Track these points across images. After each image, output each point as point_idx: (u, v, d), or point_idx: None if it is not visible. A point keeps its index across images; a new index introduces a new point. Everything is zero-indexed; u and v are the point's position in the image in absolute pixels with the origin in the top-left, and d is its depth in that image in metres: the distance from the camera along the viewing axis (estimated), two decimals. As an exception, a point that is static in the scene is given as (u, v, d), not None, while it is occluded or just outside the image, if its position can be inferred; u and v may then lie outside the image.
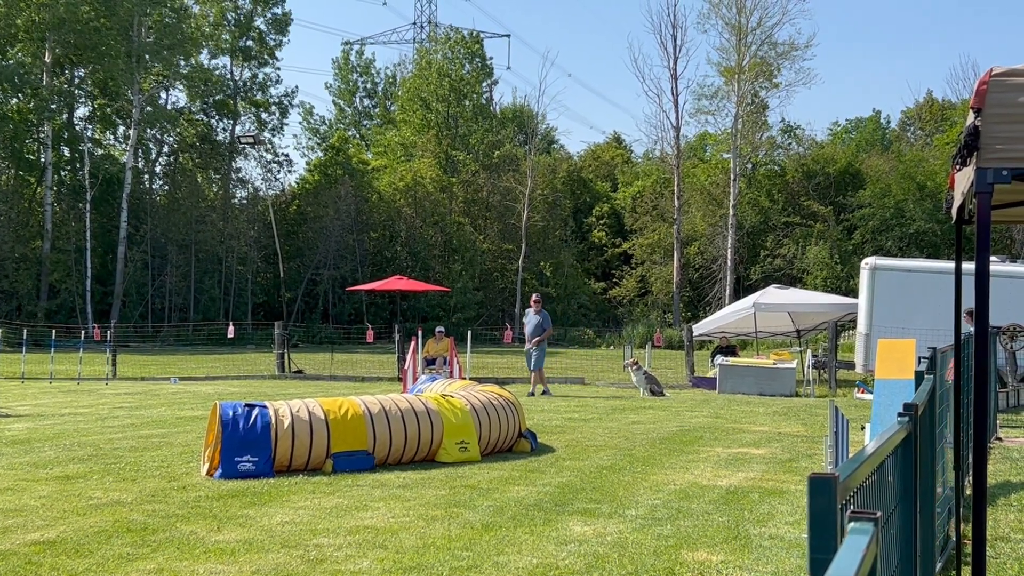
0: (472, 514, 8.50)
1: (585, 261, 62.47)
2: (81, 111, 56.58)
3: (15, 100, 52.54)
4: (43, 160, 52.71)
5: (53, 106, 51.70)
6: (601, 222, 63.91)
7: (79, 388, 23.47)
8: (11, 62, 49.92)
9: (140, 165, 56.20)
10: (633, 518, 8.36)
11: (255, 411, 10.53)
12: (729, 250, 52.31)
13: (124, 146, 56.43)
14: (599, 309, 60.13)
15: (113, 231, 52.98)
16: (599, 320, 58.23)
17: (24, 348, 27.86)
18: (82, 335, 30.53)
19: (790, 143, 59.37)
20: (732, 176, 52.95)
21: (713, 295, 53.72)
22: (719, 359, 24.10)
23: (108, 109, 55.50)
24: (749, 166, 57.63)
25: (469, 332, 28.34)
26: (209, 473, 10.30)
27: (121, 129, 57.53)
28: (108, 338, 29.29)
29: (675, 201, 54.15)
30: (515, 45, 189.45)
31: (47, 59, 51.17)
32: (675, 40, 53.75)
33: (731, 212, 52.64)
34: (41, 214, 52.64)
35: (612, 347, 46.40)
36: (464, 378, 20.01)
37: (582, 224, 63.78)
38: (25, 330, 29.91)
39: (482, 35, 68.91)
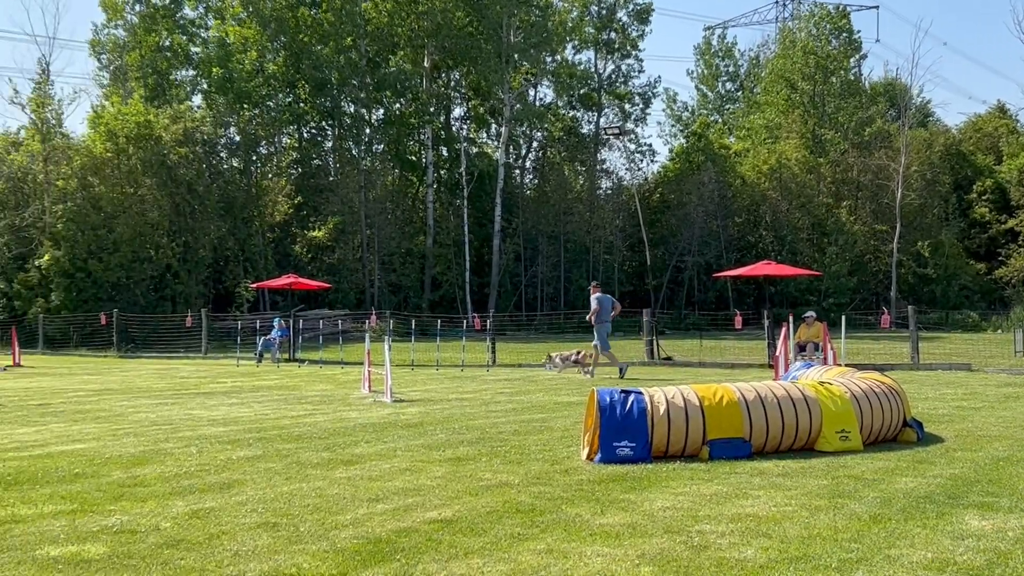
0: (858, 505, 8.15)
1: (966, 240, 58.69)
2: (457, 112, 59.79)
3: (398, 105, 56.26)
4: (424, 160, 56.14)
5: (432, 109, 54.89)
6: (984, 198, 59.82)
7: (463, 375, 24.76)
8: (394, 69, 53.54)
9: (511, 160, 58.54)
10: (1040, 516, 7.71)
11: (631, 397, 10.63)
12: None
13: (496, 143, 58.99)
14: (983, 291, 56.34)
15: (487, 225, 55.54)
16: (983, 302, 54.56)
17: (412, 337, 29.69)
18: (463, 324, 32.24)
19: None
20: None
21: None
22: None
23: (481, 109, 58.20)
24: None
25: (843, 317, 27.37)
26: (589, 457, 10.51)
27: (493, 127, 60.17)
28: (487, 327, 30.76)
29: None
30: (884, 16, 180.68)
31: (426, 64, 54.36)
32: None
33: None
34: (423, 211, 56.06)
35: (1000, 331, 43.29)
36: (839, 365, 19.32)
37: (962, 201, 59.93)
38: (412, 320, 31.85)
39: (848, 8, 66.46)
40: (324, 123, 56.84)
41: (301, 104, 54.84)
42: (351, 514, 7.93)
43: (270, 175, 53.34)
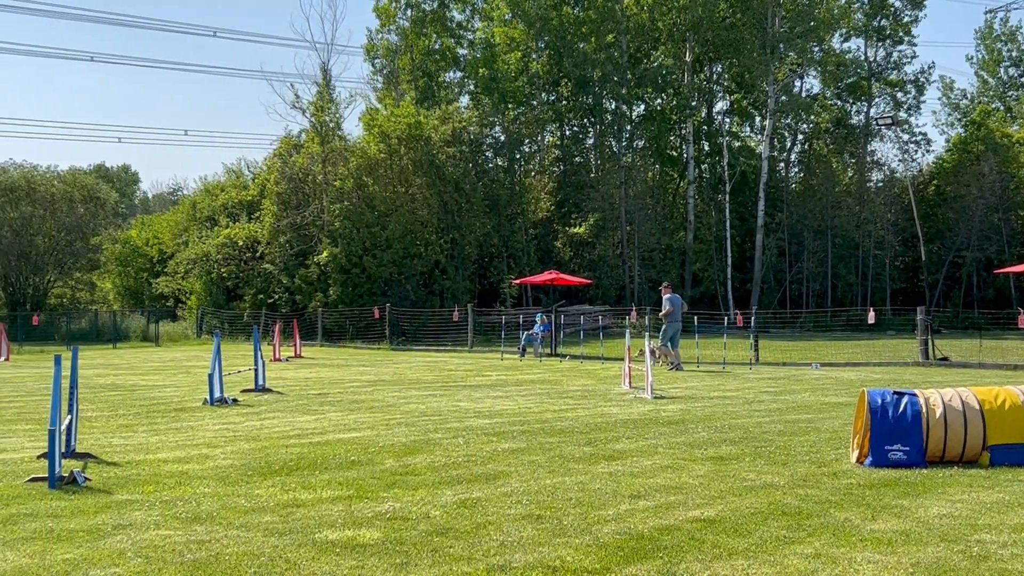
0: None
1: None
2: (719, 106, 58.98)
3: (659, 100, 56.09)
4: (685, 155, 55.73)
5: (693, 103, 54.40)
6: None
7: (724, 372, 24.42)
8: (655, 64, 53.37)
9: (775, 154, 57.24)
10: None
11: (904, 399, 10.18)
12: None
13: (759, 137, 57.84)
14: None
15: (750, 220, 54.55)
16: None
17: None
18: (725, 321, 31.78)
19: None
20: None
21: None
22: None
23: (744, 102, 57.18)
24: None
25: None
26: (859, 460, 10.14)
27: (756, 120, 59.01)
28: (749, 324, 30.21)
29: None
30: None
31: (687, 58, 53.93)
32: None
33: None
34: (684, 206, 55.66)
35: None
36: None
37: None
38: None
39: None
40: (585, 120, 57.35)
41: (563, 102, 55.55)
42: (613, 509, 7.96)
43: (533, 173, 54.29)
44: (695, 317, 30.50)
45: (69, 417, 10.30)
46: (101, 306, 58.21)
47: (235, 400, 16.68)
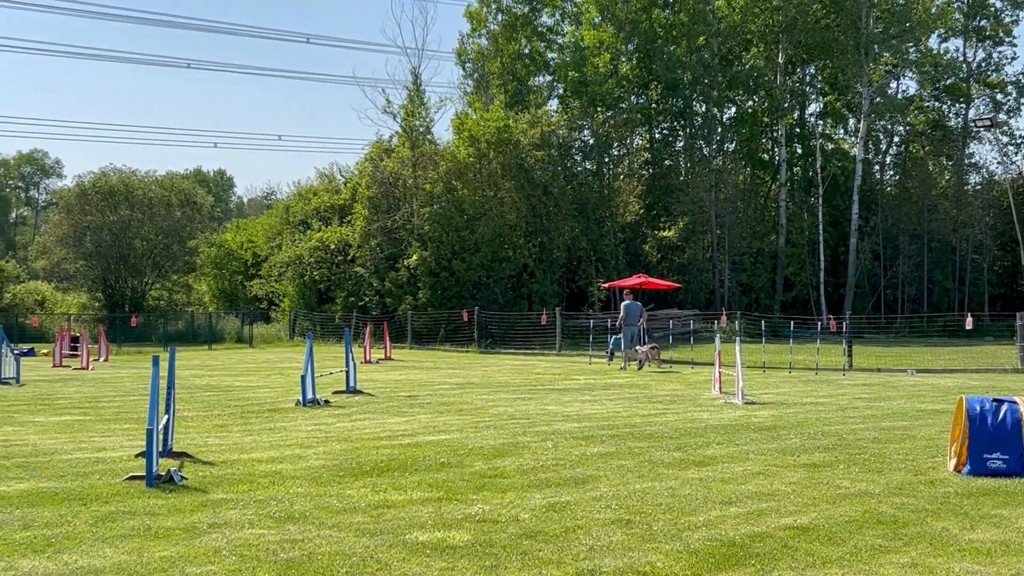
0: None
1: None
2: (812, 107, 58.15)
3: (750, 102, 55.50)
4: (776, 158, 55.06)
5: (785, 105, 53.73)
6: None
7: (817, 378, 24.06)
8: (747, 66, 52.81)
9: (869, 156, 56.26)
10: None
11: (1004, 406, 9.92)
12: None
13: (853, 139, 56.89)
14: None
15: (843, 223, 53.65)
16: None
17: (763, 339, 29.18)
18: (817, 326, 31.32)
19: None
20: None
21: None
22: None
23: (838, 103, 56.28)
24: None
25: None
26: (956, 469, 9.91)
27: (851, 122, 58.05)
28: (843, 329, 29.71)
29: None
30: None
31: (780, 60, 53.29)
32: None
33: None
34: (775, 210, 54.97)
35: None
36: None
37: None
38: (763, 321, 31.29)
39: None
40: (675, 123, 56.97)
41: (653, 105, 55.27)
42: (704, 515, 7.89)
43: (622, 176, 54.07)
44: (791, 322, 30.10)
45: (166, 417, 10.53)
46: (197, 308, 59.44)
47: (327, 401, 16.90)
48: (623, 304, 29.04)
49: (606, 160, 53.23)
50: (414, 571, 6.27)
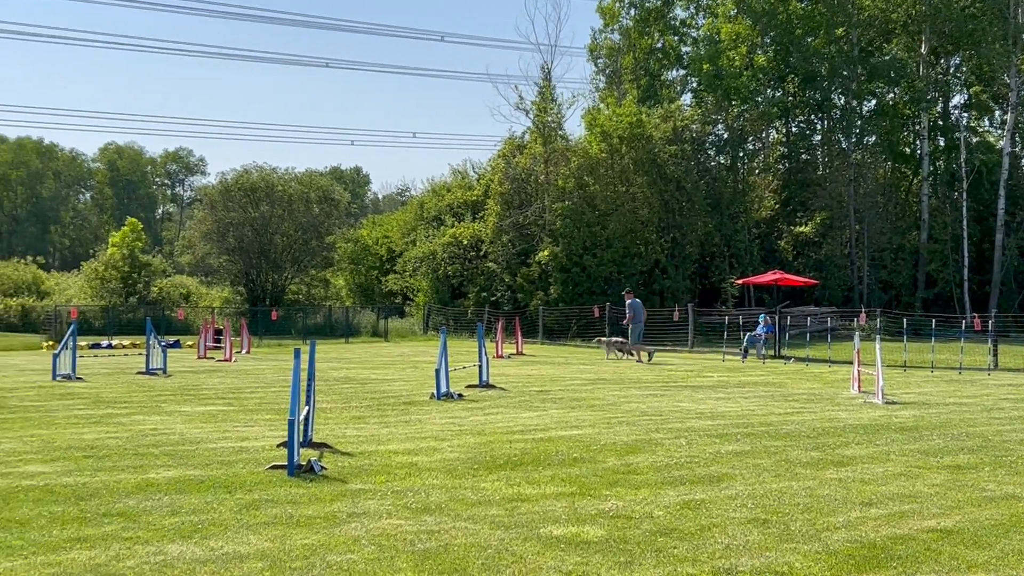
0: None
1: None
2: (956, 99, 56.28)
3: (891, 95, 54.05)
4: (919, 151, 53.49)
5: (928, 97, 52.15)
6: None
7: (960, 378, 23.33)
8: (887, 57, 51.45)
9: (1017, 150, 54.20)
10: None
11: None
12: None
13: (1000, 132, 54.91)
14: None
15: (989, 219, 51.80)
16: None
17: (904, 337, 28.40)
18: (961, 325, 30.33)
19: None
20: None
21: None
22: None
23: (984, 95, 54.36)
24: None
25: None
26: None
27: (997, 114, 56.03)
28: (988, 328, 28.72)
29: None
30: None
31: (923, 51, 51.75)
32: None
33: None
34: (917, 205, 53.42)
35: None
36: None
37: None
38: (904, 319, 30.47)
39: None
40: (813, 116, 55.83)
41: (790, 98, 54.26)
42: (843, 516, 7.75)
43: (757, 171, 53.24)
44: (933, 320, 29.25)
45: (307, 408, 10.79)
46: (334, 302, 60.68)
47: (460, 395, 17.09)
48: (628, 303, 29.95)
49: (741, 154, 52.50)
50: (548, 565, 6.31)
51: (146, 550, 6.58)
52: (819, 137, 56.17)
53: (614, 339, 31.41)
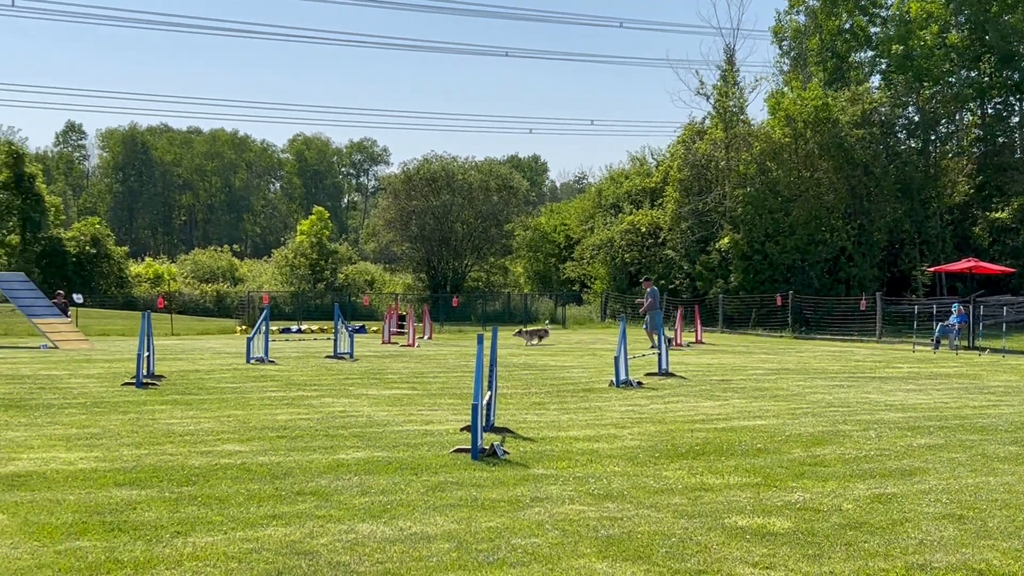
0: None
1: None
2: None
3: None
4: None
5: None
6: None
7: None
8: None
9: None
10: None
11: None
12: None
13: None
14: None
15: None
16: None
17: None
18: None
19: None
20: None
21: None
22: None
23: None
24: None
25: None
26: None
27: None
28: None
29: None
30: None
31: None
32: None
33: None
34: None
35: None
36: None
37: None
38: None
39: None
40: (1011, 97, 53.18)
41: (985, 79, 51.82)
42: (1046, 515, 7.37)
43: (950, 154, 51.12)
44: None
45: (489, 393, 10.93)
46: (513, 289, 61.36)
47: (640, 383, 17.02)
48: (648, 291, 29.21)
49: (932, 138, 50.47)
50: (735, 555, 6.21)
51: (338, 528, 6.79)
52: (1017, 119, 53.47)
53: (533, 328, 32.94)
